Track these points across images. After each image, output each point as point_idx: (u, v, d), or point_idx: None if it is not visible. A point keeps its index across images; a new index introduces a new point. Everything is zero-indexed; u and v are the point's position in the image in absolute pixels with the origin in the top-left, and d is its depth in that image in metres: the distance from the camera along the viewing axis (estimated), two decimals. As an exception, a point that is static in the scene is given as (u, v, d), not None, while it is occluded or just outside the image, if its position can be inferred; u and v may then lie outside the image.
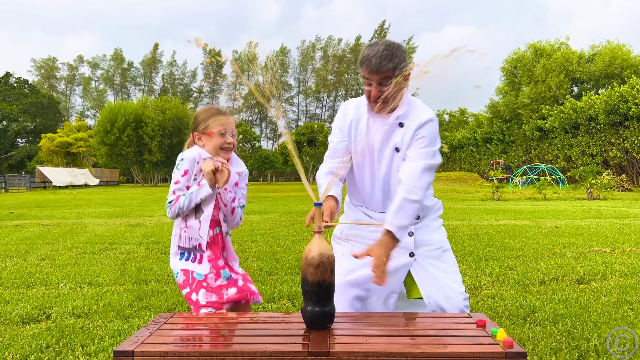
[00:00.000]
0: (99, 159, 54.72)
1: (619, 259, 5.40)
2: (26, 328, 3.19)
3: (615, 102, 29.51)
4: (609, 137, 31.11)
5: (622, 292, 3.94)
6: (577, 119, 32.75)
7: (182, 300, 3.80)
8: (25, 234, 8.44)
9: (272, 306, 3.68)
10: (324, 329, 1.81)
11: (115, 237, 7.83)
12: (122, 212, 13.92)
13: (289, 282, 4.45)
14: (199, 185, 2.16)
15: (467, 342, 1.68)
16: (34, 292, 4.19)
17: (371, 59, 2.15)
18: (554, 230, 7.99)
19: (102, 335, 3.01)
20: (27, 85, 71.28)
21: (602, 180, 19.50)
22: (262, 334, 1.80)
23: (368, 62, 2.16)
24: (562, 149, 34.80)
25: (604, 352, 2.64)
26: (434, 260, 2.31)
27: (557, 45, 41.25)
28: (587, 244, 6.43)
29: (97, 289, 4.27)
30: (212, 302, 2.17)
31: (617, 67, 37.70)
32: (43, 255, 6.10)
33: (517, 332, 2.97)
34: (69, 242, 7.27)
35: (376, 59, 2.14)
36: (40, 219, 11.72)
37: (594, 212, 11.84)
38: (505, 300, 3.75)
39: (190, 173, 2.18)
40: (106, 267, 5.27)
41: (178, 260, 2.25)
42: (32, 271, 5.05)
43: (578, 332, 2.95)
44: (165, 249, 6.50)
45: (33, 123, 67.85)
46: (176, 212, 2.20)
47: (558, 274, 4.62)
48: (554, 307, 3.52)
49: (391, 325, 1.91)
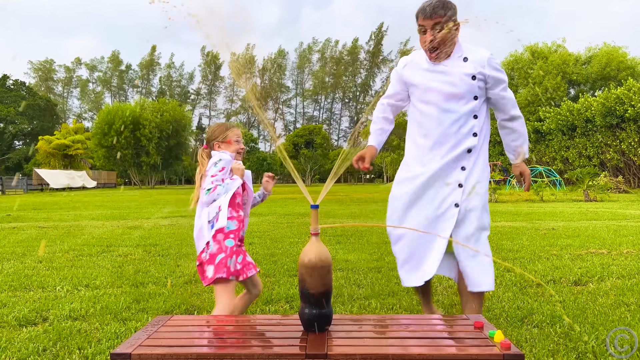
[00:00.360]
0: (97, 161, 54.67)
1: (616, 260, 5.42)
2: (23, 331, 3.18)
3: (612, 104, 29.61)
4: (605, 139, 31.20)
5: (619, 294, 3.95)
6: (574, 121, 32.85)
7: (179, 303, 3.80)
8: (22, 236, 8.42)
9: (269, 308, 3.68)
10: (322, 331, 1.81)
11: (112, 239, 7.82)
12: (120, 214, 13.90)
13: (287, 284, 4.45)
14: (232, 179, 2.75)
15: (464, 344, 1.68)
16: (30, 294, 4.18)
17: (425, 7, 2.56)
18: (552, 232, 8.01)
19: (99, 338, 3.00)
20: (25, 87, 71.15)
21: (599, 182, 19.56)
22: (260, 336, 1.80)
23: (423, 10, 2.57)
24: (559, 151, 34.88)
25: (601, 354, 2.65)
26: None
27: (554, 48, 41.39)
28: (585, 246, 6.44)
29: (95, 291, 4.26)
30: (237, 270, 2.65)
31: (614, 69, 37.85)
32: (40, 257, 6.08)
33: (514, 334, 2.98)
34: (66, 244, 7.26)
35: (430, 7, 2.55)
36: (37, 221, 11.69)
37: (591, 214, 11.87)
38: (503, 302, 3.76)
39: (227, 169, 2.73)
40: (103, 269, 5.26)
41: (211, 235, 2.65)
42: (29, 274, 5.04)
43: (575, 334, 2.96)
44: (163, 251, 6.49)
45: (30, 125, 67.70)
46: (213, 198, 2.67)
47: (555, 276, 4.63)
48: (552, 308, 3.52)
49: (388, 327, 1.91)
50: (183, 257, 6.03)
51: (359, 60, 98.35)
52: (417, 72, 2.78)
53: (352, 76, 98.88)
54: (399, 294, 4.06)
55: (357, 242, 7.12)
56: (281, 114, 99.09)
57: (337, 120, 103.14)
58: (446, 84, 2.67)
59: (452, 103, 2.67)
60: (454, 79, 2.65)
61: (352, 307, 3.67)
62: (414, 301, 3.80)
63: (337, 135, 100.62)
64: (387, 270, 5.05)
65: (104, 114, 51.18)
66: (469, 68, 2.64)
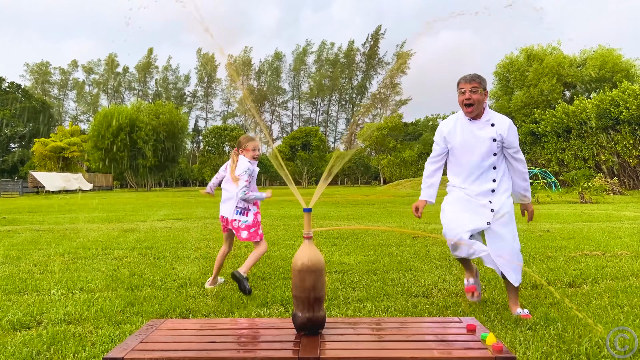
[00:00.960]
0: (93, 163, 54.52)
1: (610, 262, 5.44)
2: (17, 335, 3.17)
3: (607, 106, 29.74)
4: (600, 141, 31.32)
5: (613, 296, 3.97)
6: (569, 123, 32.97)
7: (174, 306, 3.79)
8: (17, 239, 8.39)
9: (264, 311, 3.68)
10: (315, 334, 1.82)
11: (108, 242, 7.80)
12: (116, 217, 13.86)
13: (282, 287, 4.45)
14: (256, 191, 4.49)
15: (456, 347, 1.69)
16: (25, 298, 4.16)
17: (466, 75, 3.56)
18: (546, 234, 8.04)
19: (93, 341, 3.00)
20: (20, 89, 70.94)
21: (595, 184, 19.62)
22: (253, 339, 1.81)
23: (464, 77, 3.55)
24: (554, 153, 35.00)
25: (594, 356, 2.66)
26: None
27: (549, 50, 41.54)
28: (579, 248, 6.47)
29: (89, 294, 4.25)
30: (261, 234, 4.47)
31: (609, 71, 38.00)
32: (35, 261, 6.06)
33: (508, 336, 2.98)
34: (61, 247, 7.23)
35: (469, 75, 3.55)
36: (32, 224, 11.65)
37: (586, 216, 11.91)
38: (497, 304, 3.77)
39: (252, 176, 4.43)
40: (99, 272, 5.25)
41: (243, 214, 4.41)
42: (23, 277, 5.02)
43: (569, 336, 2.97)
44: (159, 254, 6.48)
45: (26, 128, 67.49)
46: (245, 198, 4.33)
47: (550, 278, 4.65)
48: (545, 310, 3.54)
49: (382, 330, 1.91)
50: (178, 259, 6.02)
51: (355, 63, 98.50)
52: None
53: (348, 78, 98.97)
54: (394, 296, 4.06)
55: (352, 244, 7.13)
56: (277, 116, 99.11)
57: (334, 122, 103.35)
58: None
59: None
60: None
61: (347, 310, 3.67)
62: (409, 303, 3.81)
63: (333, 137, 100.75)
64: (382, 272, 5.05)
65: (101, 116, 51.05)
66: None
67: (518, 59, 42.28)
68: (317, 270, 1.78)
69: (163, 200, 26.24)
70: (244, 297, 4.07)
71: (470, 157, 3.57)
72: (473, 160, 3.55)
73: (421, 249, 6.58)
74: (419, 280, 4.62)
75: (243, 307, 3.78)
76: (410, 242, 7.32)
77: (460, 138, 3.60)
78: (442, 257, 5.89)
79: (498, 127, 3.51)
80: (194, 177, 78.93)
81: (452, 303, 3.81)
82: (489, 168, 3.56)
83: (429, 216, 12.96)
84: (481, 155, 3.53)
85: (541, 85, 38.76)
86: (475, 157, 3.55)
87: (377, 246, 6.83)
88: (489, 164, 3.55)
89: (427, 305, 3.77)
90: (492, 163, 3.54)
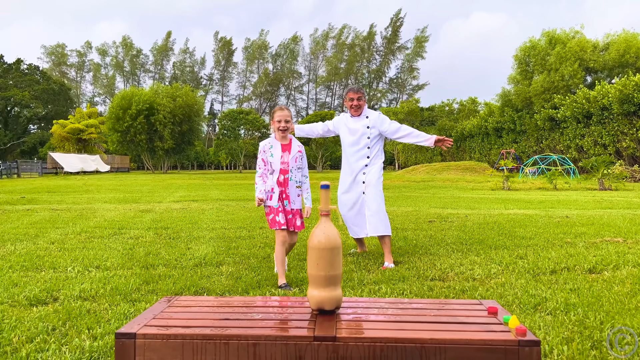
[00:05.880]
0: (110, 145, 54.99)
1: (632, 249, 5.31)
2: (33, 310, 3.19)
3: (630, 91, 28.97)
4: (622, 127, 30.59)
5: (636, 282, 3.87)
6: (590, 109, 32.25)
7: (189, 285, 3.79)
8: (36, 218, 8.50)
9: (279, 292, 3.65)
10: (331, 314, 1.77)
11: (124, 222, 7.85)
12: (132, 198, 13.98)
13: (297, 268, 4.42)
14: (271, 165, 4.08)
15: (477, 330, 1.63)
16: (42, 275, 4.20)
17: (354, 86, 5.00)
18: (565, 220, 7.89)
19: (108, 318, 3.00)
20: (39, 71, 71.57)
21: (614, 171, 19.22)
22: (267, 317, 1.77)
23: (352, 88, 4.93)
24: (573, 139, 34.33)
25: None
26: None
27: (572, 34, 40.55)
28: (599, 234, 6.33)
29: (105, 272, 4.27)
30: (281, 222, 3.90)
31: (632, 56, 36.99)
32: (52, 239, 6.12)
33: (527, 321, 2.92)
34: (78, 226, 7.30)
35: (356, 86, 5.01)
36: (50, 204, 11.80)
37: (605, 203, 11.69)
38: (516, 288, 3.70)
39: (266, 153, 4.08)
40: (114, 251, 5.28)
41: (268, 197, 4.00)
42: (41, 254, 5.07)
43: (590, 322, 2.89)
44: (174, 234, 6.50)
45: (45, 110, 68.22)
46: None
47: (569, 264, 4.55)
48: (566, 296, 3.45)
49: (399, 311, 1.86)
50: (194, 240, 6.04)
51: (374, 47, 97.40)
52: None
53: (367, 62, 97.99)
54: (409, 279, 4.01)
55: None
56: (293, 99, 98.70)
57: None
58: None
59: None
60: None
61: (362, 292, 3.63)
62: (425, 287, 3.75)
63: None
64: (397, 255, 5.00)
65: (119, 98, 51.29)
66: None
67: (539, 42, 41.33)
68: (334, 248, 1.72)
69: (179, 182, 26.41)
70: (258, 278, 4.05)
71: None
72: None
73: (437, 233, 6.50)
74: (435, 264, 4.56)
75: (258, 287, 3.76)
76: (425, 227, 7.24)
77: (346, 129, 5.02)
78: (458, 242, 5.81)
79: (370, 121, 4.93)
80: (209, 160, 79.25)
81: (469, 287, 3.75)
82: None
83: (444, 201, 12.84)
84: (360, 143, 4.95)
85: (562, 70, 37.89)
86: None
87: (393, 229, 6.77)
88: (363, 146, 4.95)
89: (444, 288, 3.71)
90: (366, 144, 4.92)
